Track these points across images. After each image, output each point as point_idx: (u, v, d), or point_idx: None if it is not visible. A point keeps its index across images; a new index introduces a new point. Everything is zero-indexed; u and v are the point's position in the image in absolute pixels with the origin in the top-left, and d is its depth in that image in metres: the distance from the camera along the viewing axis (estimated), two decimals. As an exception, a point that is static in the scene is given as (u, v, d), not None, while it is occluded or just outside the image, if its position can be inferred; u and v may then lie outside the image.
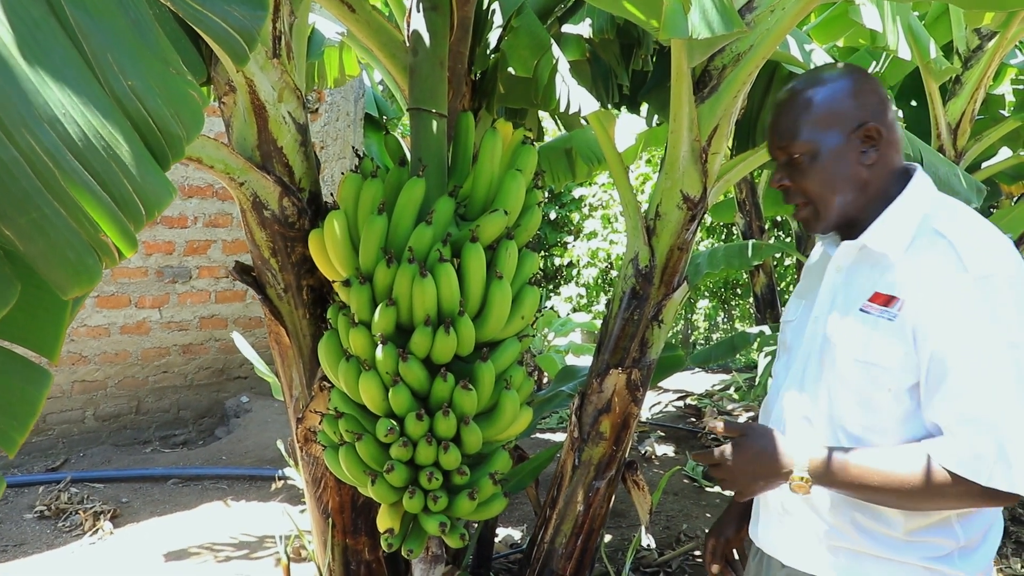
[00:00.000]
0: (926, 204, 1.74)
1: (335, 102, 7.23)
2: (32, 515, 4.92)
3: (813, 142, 1.77)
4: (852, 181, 1.77)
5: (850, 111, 1.76)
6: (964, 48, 5.09)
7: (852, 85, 1.78)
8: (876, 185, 1.78)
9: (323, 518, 2.78)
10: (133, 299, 6.35)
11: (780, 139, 1.82)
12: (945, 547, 1.69)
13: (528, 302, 2.26)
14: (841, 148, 1.76)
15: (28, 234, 1.09)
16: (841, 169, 1.77)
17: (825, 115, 1.77)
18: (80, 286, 1.16)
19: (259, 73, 2.17)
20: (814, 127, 1.77)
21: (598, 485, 3.02)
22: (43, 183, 1.09)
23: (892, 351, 1.65)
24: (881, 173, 1.78)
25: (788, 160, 1.82)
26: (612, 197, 11.70)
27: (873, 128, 1.74)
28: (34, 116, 1.08)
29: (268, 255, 2.42)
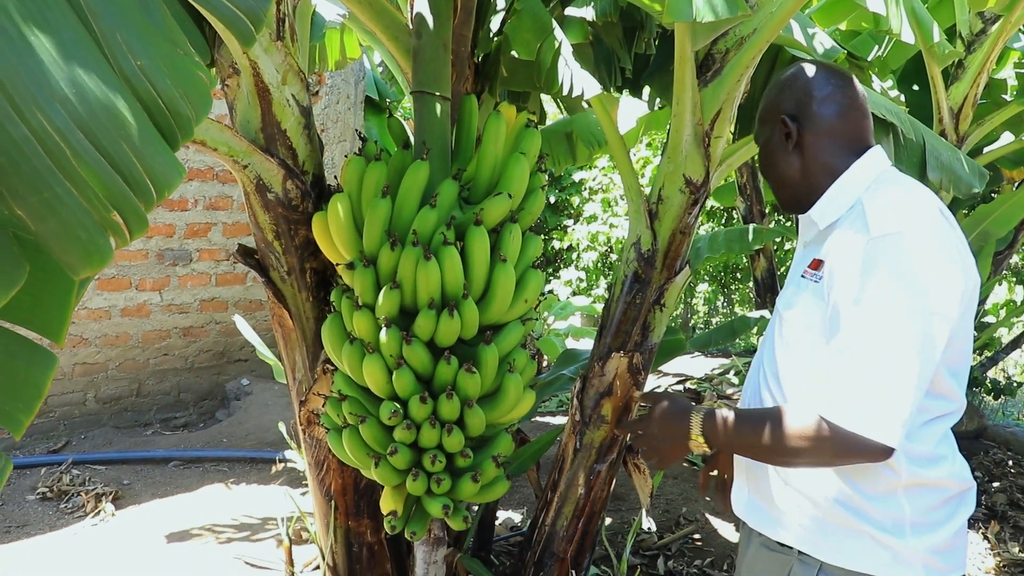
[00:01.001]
0: (868, 179, 1.85)
1: (336, 84, 7.21)
2: (34, 497, 4.94)
3: (760, 135, 2.01)
4: (787, 168, 1.95)
5: (775, 106, 1.96)
6: (967, 32, 5.07)
7: (784, 80, 1.96)
8: (815, 169, 1.91)
9: (326, 500, 2.79)
10: (134, 282, 6.35)
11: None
12: (892, 518, 1.74)
13: (531, 285, 2.26)
14: (773, 139, 1.96)
15: (40, 214, 1.09)
16: (775, 158, 1.97)
17: (763, 111, 2.00)
18: (92, 266, 1.16)
19: (263, 55, 2.16)
20: (759, 122, 2.01)
21: (599, 468, 3.03)
22: (54, 162, 1.09)
23: (819, 309, 1.77)
24: (819, 159, 1.91)
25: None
26: (612, 181, 11.68)
27: (785, 120, 1.91)
28: (45, 95, 1.09)
29: (271, 238, 2.42)
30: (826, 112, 1.89)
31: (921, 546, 1.73)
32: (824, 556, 1.79)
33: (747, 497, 1.98)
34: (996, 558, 4.37)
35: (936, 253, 1.67)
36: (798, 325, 1.83)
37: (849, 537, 1.76)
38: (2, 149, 1.05)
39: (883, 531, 1.73)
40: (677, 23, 2.48)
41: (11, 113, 1.06)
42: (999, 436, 6.34)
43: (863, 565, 1.75)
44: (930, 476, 1.74)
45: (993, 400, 7.12)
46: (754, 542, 1.98)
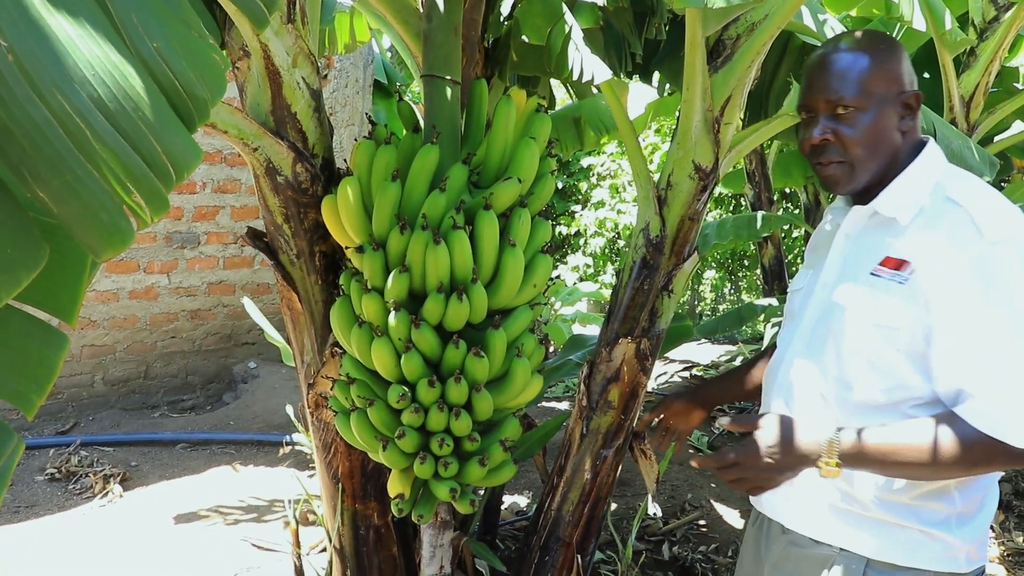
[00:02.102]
0: (938, 172, 1.78)
1: (344, 68, 7.20)
2: (43, 477, 4.98)
3: (868, 97, 1.77)
4: (889, 145, 1.80)
5: (900, 76, 1.79)
6: (980, 19, 5.04)
7: (901, 52, 1.81)
8: (901, 153, 1.81)
9: (333, 483, 2.80)
10: (142, 264, 6.37)
11: (832, 90, 1.79)
12: (943, 512, 1.73)
13: (540, 270, 2.26)
14: (888, 110, 1.78)
15: (62, 196, 1.10)
16: (884, 130, 1.78)
17: (881, 74, 1.78)
18: (113, 248, 1.16)
19: (274, 38, 2.16)
20: (871, 83, 1.77)
21: (606, 454, 3.04)
22: (75, 144, 1.09)
23: (903, 313, 1.68)
24: (908, 142, 1.81)
25: (833, 114, 1.80)
26: (620, 167, 11.67)
27: (914, 96, 1.78)
28: (65, 77, 1.09)
29: (281, 221, 2.42)
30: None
31: (966, 537, 1.73)
32: (871, 552, 1.76)
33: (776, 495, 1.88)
34: (1000, 547, 4.38)
35: None
36: (873, 327, 1.72)
37: (896, 532, 1.74)
38: (24, 132, 1.06)
39: (931, 526, 1.72)
40: (688, 9, 2.47)
41: (31, 95, 1.06)
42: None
43: (912, 560, 1.73)
44: None
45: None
46: (779, 540, 1.94)
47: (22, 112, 1.05)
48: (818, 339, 1.85)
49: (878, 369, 1.73)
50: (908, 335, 1.68)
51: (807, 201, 7.60)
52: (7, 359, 1.29)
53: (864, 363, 1.74)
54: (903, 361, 1.70)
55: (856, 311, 1.75)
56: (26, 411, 1.28)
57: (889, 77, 1.78)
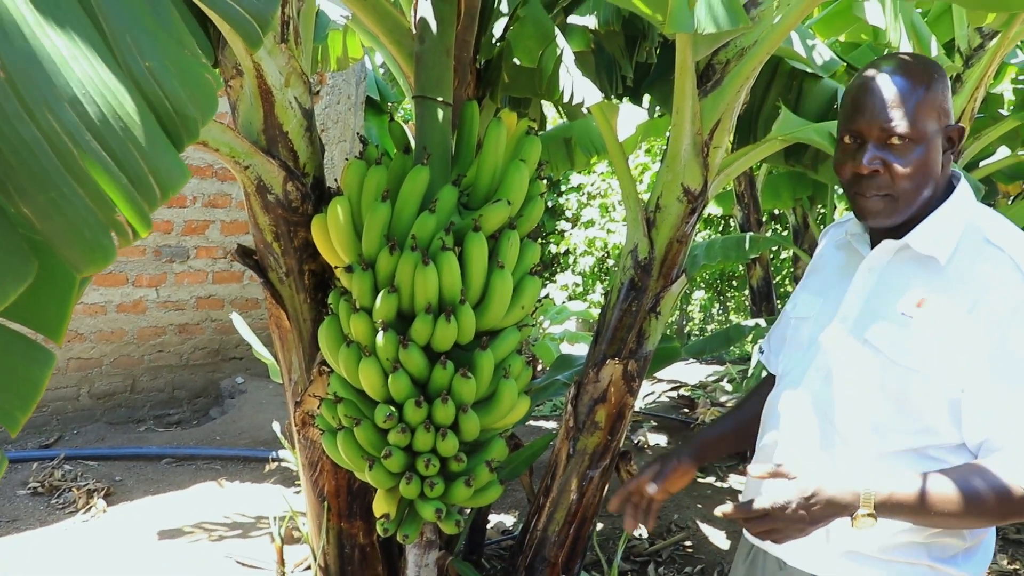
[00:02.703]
0: (970, 211, 1.72)
1: (337, 85, 7.22)
2: (25, 491, 4.94)
3: (923, 129, 1.67)
4: (933, 179, 1.71)
5: (949, 108, 1.72)
6: (965, 46, 5.08)
7: (947, 82, 1.72)
8: (938, 187, 1.74)
9: (319, 501, 2.79)
10: (130, 278, 6.35)
11: (883, 119, 1.68)
12: (953, 548, 1.70)
13: (528, 292, 2.27)
14: (937, 143, 1.70)
15: (46, 212, 1.10)
16: (931, 164, 1.69)
17: (935, 105, 1.69)
18: (95, 265, 1.17)
19: (267, 58, 2.17)
20: (926, 115, 1.68)
21: (592, 474, 3.04)
22: (62, 162, 1.10)
23: (939, 358, 1.63)
24: (944, 177, 1.75)
25: (885, 143, 1.70)
26: (610, 186, 11.71)
27: (957, 131, 1.71)
28: (55, 95, 1.09)
29: (271, 239, 2.42)
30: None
31: (971, 570, 1.72)
32: None
33: None
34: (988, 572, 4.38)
35: None
36: (907, 369, 1.66)
37: (904, 570, 1.71)
38: (12, 148, 1.06)
39: (941, 561, 1.69)
40: (679, 34, 2.49)
41: (21, 113, 1.07)
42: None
43: None
44: None
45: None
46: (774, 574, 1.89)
47: (11, 129, 1.06)
48: (839, 377, 1.77)
49: (906, 412, 1.68)
50: (941, 381, 1.63)
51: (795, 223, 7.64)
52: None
53: (893, 405, 1.69)
54: (932, 405, 1.64)
55: (888, 353, 1.68)
56: (10, 428, 1.28)
57: (941, 109, 1.70)
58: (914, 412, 1.66)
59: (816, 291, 1.95)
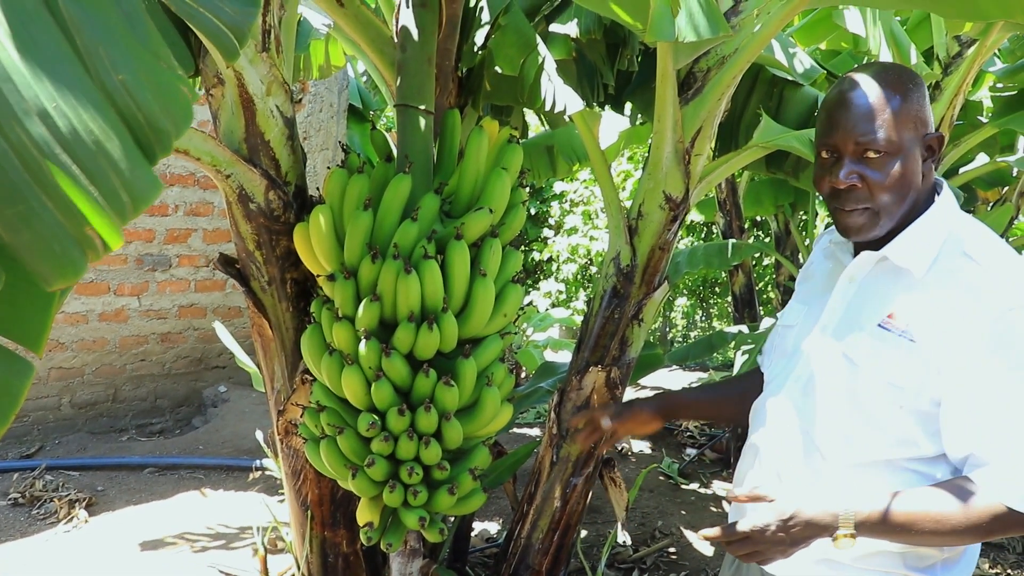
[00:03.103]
0: (952, 221, 1.71)
1: (319, 93, 7.21)
2: (6, 502, 4.90)
3: (899, 141, 1.66)
4: (914, 189, 1.71)
5: (926, 117, 1.70)
6: (944, 54, 5.13)
7: (925, 90, 1.71)
8: (918, 199, 1.73)
9: (302, 510, 2.79)
10: (112, 286, 6.31)
11: (862, 132, 1.67)
12: (931, 558, 1.70)
13: (511, 300, 2.27)
14: (914, 154, 1.69)
15: (14, 226, 1.10)
16: (910, 175, 1.69)
17: (911, 115, 1.68)
18: (64, 278, 1.16)
19: (248, 67, 2.17)
20: (901, 126, 1.67)
21: (576, 482, 3.05)
22: (32, 176, 1.09)
23: (910, 372, 1.63)
24: (926, 186, 1.74)
25: (861, 157, 1.69)
26: (593, 193, 11.72)
27: (936, 139, 1.71)
28: (25, 109, 1.09)
29: (253, 248, 2.42)
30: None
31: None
32: None
33: None
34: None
35: None
36: (881, 383, 1.66)
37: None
38: (-22, 161, 1.06)
39: (918, 571, 1.70)
40: (660, 42, 2.50)
41: (-11, 125, 1.07)
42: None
43: None
44: None
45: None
46: None
47: (-22, 142, 1.06)
48: (817, 386, 1.78)
49: (879, 425, 1.68)
50: (914, 394, 1.63)
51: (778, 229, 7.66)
52: (-32, 388, 1.28)
53: (865, 417, 1.69)
54: (905, 418, 1.65)
55: (863, 365, 1.69)
56: (-12, 440, 1.27)
57: (917, 119, 1.68)
58: (886, 424, 1.67)
59: (803, 300, 1.96)
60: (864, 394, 1.68)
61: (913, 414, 1.64)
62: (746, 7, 2.76)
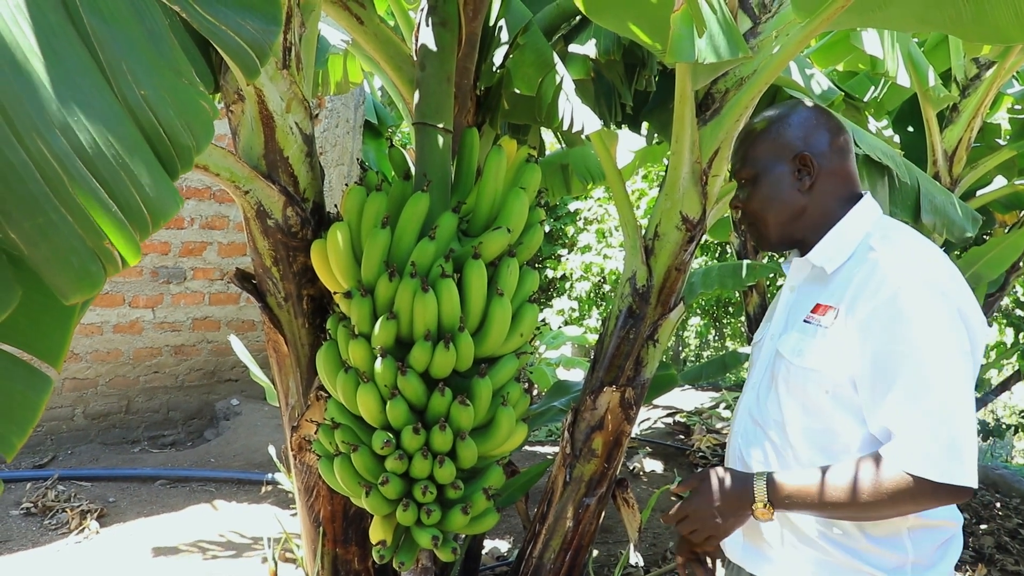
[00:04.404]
0: (867, 225, 1.87)
1: (335, 108, 7.24)
2: (18, 512, 4.91)
3: (754, 169, 1.94)
4: (788, 204, 1.92)
5: (788, 142, 1.91)
6: (962, 76, 5.13)
7: (795, 118, 1.93)
8: (816, 209, 1.91)
9: (314, 526, 2.78)
10: (127, 298, 6.34)
11: (733, 167, 2.03)
12: (895, 560, 1.76)
13: (527, 319, 2.27)
14: (780, 174, 1.91)
15: (33, 238, 1.10)
16: (778, 193, 1.92)
17: (767, 145, 1.93)
18: (82, 292, 1.16)
19: (268, 84, 2.18)
20: (756, 156, 1.95)
21: (588, 502, 3.03)
22: (51, 188, 1.10)
23: (828, 356, 1.76)
24: (821, 199, 1.91)
25: (740, 185, 2.00)
26: (607, 212, 11.72)
27: (807, 157, 1.88)
28: (46, 122, 1.09)
29: (270, 263, 2.42)
30: (837, 154, 1.91)
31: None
32: None
33: (742, 540, 1.97)
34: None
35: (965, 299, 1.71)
36: (801, 370, 1.80)
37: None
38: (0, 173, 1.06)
39: (886, 572, 1.76)
40: (679, 63, 2.51)
41: (11, 138, 1.07)
42: (987, 478, 6.34)
43: None
44: (933, 517, 1.77)
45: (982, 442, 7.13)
46: None
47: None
48: (764, 387, 1.94)
49: (810, 412, 1.80)
50: (832, 379, 1.75)
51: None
52: (-11, 400, 1.29)
53: (799, 407, 1.82)
54: (830, 404, 1.77)
55: (789, 356, 1.84)
56: (5, 453, 1.28)
57: (777, 143, 1.92)
58: (816, 411, 1.79)
59: (768, 318, 2.13)
60: (796, 385, 1.82)
61: (835, 398, 1.76)
62: (765, 28, 2.76)
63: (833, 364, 1.75)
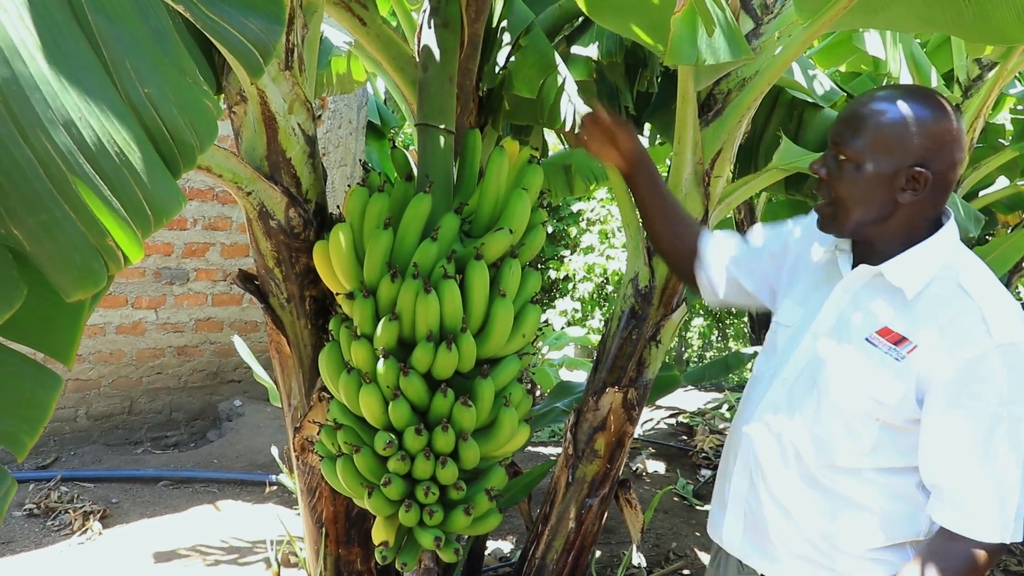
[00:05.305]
0: (948, 253, 1.75)
1: (338, 109, 7.24)
2: (21, 513, 4.91)
3: (865, 156, 1.73)
4: (879, 207, 1.75)
5: (912, 148, 1.70)
6: (964, 77, 5.12)
7: (933, 125, 1.70)
8: (902, 222, 1.76)
9: (316, 527, 2.78)
10: (130, 299, 6.34)
11: (840, 135, 1.77)
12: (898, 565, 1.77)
13: (529, 320, 2.27)
14: (887, 176, 1.71)
15: (36, 235, 1.10)
16: (876, 192, 1.74)
17: (889, 139, 1.71)
18: (84, 289, 1.17)
19: (271, 85, 2.18)
20: (873, 144, 1.72)
21: (591, 503, 3.03)
22: (55, 185, 1.10)
23: (893, 390, 1.70)
24: (912, 212, 1.75)
25: (836, 156, 1.79)
26: (610, 212, 11.72)
27: (923, 175, 1.69)
28: (51, 119, 1.10)
29: (272, 264, 2.43)
30: (948, 177, 1.74)
31: None
32: None
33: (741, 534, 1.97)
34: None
35: None
36: (863, 396, 1.74)
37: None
38: (4, 169, 1.06)
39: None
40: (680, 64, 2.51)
41: (15, 134, 1.07)
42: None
43: None
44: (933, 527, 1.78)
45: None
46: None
47: (3, 150, 1.06)
48: (800, 389, 1.85)
49: (853, 433, 1.76)
50: (892, 410, 1.71)
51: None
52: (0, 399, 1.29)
53: (842, 425, 1.77)
54: (877, 430, 1.73)
55: (847, 375, 1.76)
56: (17, 453, 1.28)
57: (902, 144, 1.70)
58: (859, 433, 1.75)
59: (799, 300, 2.00)
60: (844, 402, 1.76)
61: (887, 428, 1.73)
62: (767, 30, 2.76)
63: (898, 399, 1.70)
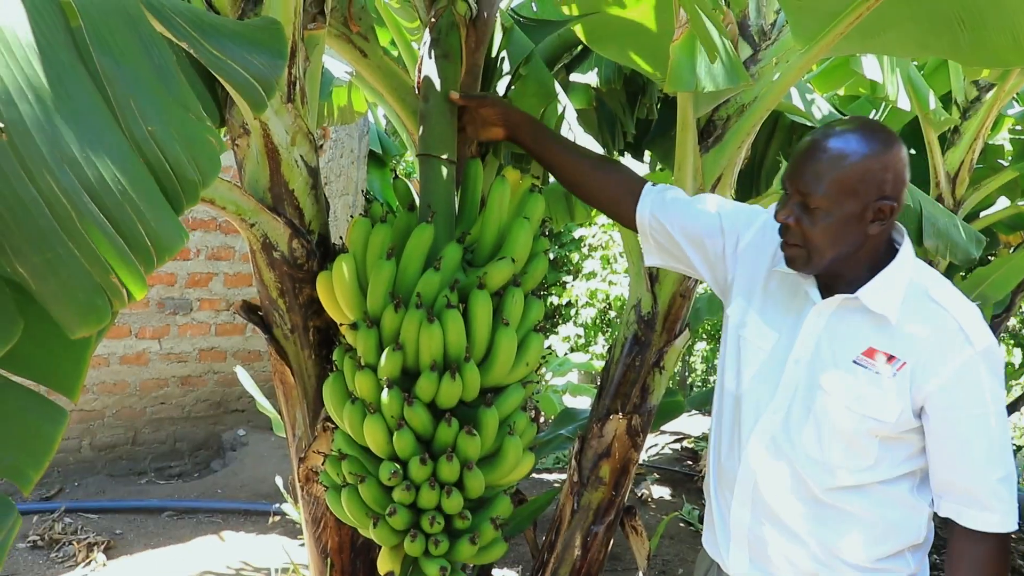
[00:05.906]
0: (908, 267, 1.84)
1: (340, 139, 7.28)
2: (25, 545, 4.89)
3: (833, 201, 1.75)
4: (852, 243, 1.80)
5: (876, 184, 1.74)
6: (963, 99, 5.15)
7: (888, 157, 1.75)
8: (869, 250, 1.83)
9: (322, 558, 2.77)
10: (133, 330, 6.35)
11: (805, 185, 1.77)
12: (899, 573, 1.86)
13: (533, 349, 2.27)
14: (856, 214, 1.75)
15: (41, 273, 1.11)
16: (848, 231, 1.78)
17: (854, 181, 1.74)
18: (88, 326, 1.17)
19: (273, 117, 2.20)
20: (840, 188, 1.74)
21: (596, 530, 3.02)
22: (59, 223, 1.11)
23: (891, 407, 1.77)
24: (878, 240, 1.83)
25: (803, 204, 1.79)
26: (612, 238, 11.72)
27: (888, 206, 1.75)
28: (56, 158, 1.11)
29: (276, 295, 2.43)
30: (904, 200, 1.81)
31: None
32: None
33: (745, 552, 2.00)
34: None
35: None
36: (859, 416, 1.79)
37: None
38: (8, 208, 1.08)
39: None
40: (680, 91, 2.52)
41: (21, 174, 1.08)
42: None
43: None
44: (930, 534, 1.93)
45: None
46: None
47: (9, 189, 1.07)
48: (796, 419, 1.88)
49: (855, 453, 1.82)
50: (891, 427, 1.78)
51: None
52: (5, 433, 1.30)
53: (844, 447, 1.83)
54: (876, 446, 1.81)
55: (844, 400, 1.81)
56: (22, 487, 1.28)
57: (867, 181, 1.74)
58: (860, 451, 1.82)
59: (770, 323, 2.00)
60: (844, 425, 1.81)
61: (886, 442, 1.81)
62: (765, 56, 2.78)
63: (895, 415, 1.77)
